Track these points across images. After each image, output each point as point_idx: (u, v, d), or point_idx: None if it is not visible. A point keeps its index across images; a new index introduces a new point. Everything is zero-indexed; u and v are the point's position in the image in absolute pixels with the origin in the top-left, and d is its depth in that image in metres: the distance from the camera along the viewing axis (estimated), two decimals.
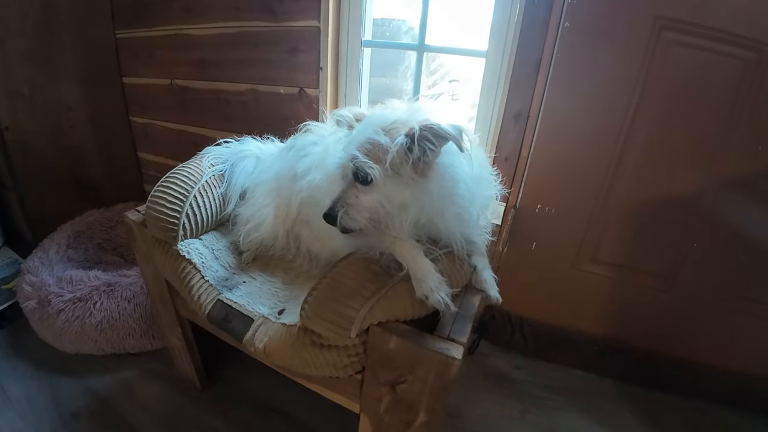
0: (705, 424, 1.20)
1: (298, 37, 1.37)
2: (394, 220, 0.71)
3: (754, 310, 1.13)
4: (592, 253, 1.27)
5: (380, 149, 0.67)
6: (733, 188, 1.06)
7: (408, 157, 0.67)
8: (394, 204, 0.70)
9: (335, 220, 0.71)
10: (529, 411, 1.23)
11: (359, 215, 0.70)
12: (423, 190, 0.70)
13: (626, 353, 1.32)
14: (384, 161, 0.66)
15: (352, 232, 0.72)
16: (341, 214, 0.70)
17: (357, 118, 0.78)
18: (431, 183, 0.70)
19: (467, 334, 0.67)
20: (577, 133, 1.15)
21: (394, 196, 0.69)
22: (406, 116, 0.70)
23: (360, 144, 0.68)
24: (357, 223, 0.70)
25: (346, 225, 0.71)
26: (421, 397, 0.69)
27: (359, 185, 0.70)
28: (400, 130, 0.68)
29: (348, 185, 0.71)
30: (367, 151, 0.68)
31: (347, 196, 0.70)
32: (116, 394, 1.19)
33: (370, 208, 0.70)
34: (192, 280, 0.90)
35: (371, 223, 0.71)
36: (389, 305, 0.67)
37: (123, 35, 1.70)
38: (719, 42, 0.95)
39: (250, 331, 0.81)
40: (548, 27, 1.10)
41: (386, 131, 0.68)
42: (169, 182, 0.96)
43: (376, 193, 0.69)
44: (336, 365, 0.71)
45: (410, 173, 0.68)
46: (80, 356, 1.27)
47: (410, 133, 0.66)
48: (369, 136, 0.68)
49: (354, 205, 0.70)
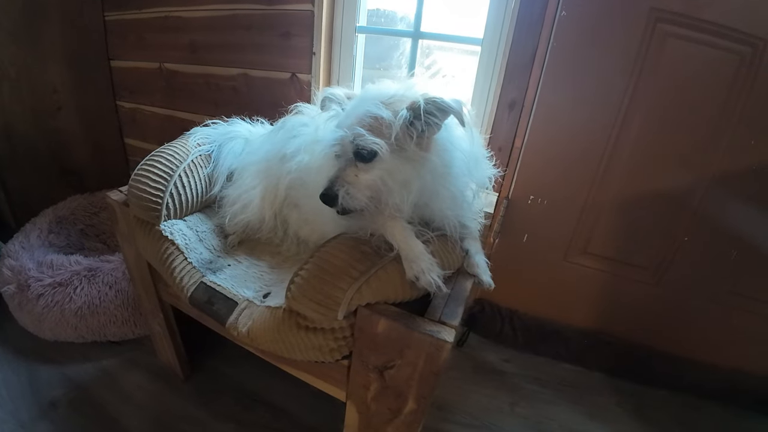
0: (693, 418, 1.20)
1: (291, 21, 1.34)
2: (395, 198, 0.68)
3: (744, 305, 1.13)
4: (583, 246, 1.26)
5: (382, 123, 0.64)
6: (725, 183, 1.05)
7: (411, 132, 0.64)
8: (397, 181, 0.67)
9: (334, 200, 0.67)
10: (518, 404, 1.22)
11: (360, 194, 0.67)
12: (425, 166, 0.67)
13: (615, 347, 1.31)
14: (388, 136, 0.64)
15: (351, 213, 0.69)
16: (342, 194, 0.67)
17: (348, 96, 0.76)
18: (432, 158, 0.67)
19: (459, 318, 0.65)
20: (570, 124, 1.14)
21: (397, 173, 0.67)
22: (403, 91, 0.68)
23: (359, 118, 0.66)
24: (358, 202, 0.67)
25: (347, 205, 0.67)
26: (410, 383, 0.67)
27: (359, 163, 0.67)
28: (399, 104, 0.65)
29: (346, 163, 0.68)
30: (369, 126, 0.65)
31: (346, 174, 0.67)
32: (97, 383, 1.15)
33: (371, 185, 0.67)
34: (174, 262, 0.87)
35: (372, 201, 0.68)
36: (378, 286, 0.64)
37: (112, 17, 1.66)
38: (714, 35, 0.95)
39: (234, 315, 0.78)
40: (545, 16, 1.09)
41: (386, 105, 0.65)
42: (153, 161, 0.93)
43: (377, 170, 0.67)
44: (322, 349, 0.68)
45: (414, 148, 0.65)
46: (60, 344, 1.23)
47: (414, 107, 0.64)
48: (368, 109, 0.65)
49: (354, 183, 0.67)
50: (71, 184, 1.68)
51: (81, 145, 1.73)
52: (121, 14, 1.62)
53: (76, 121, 1.69)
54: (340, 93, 0.76)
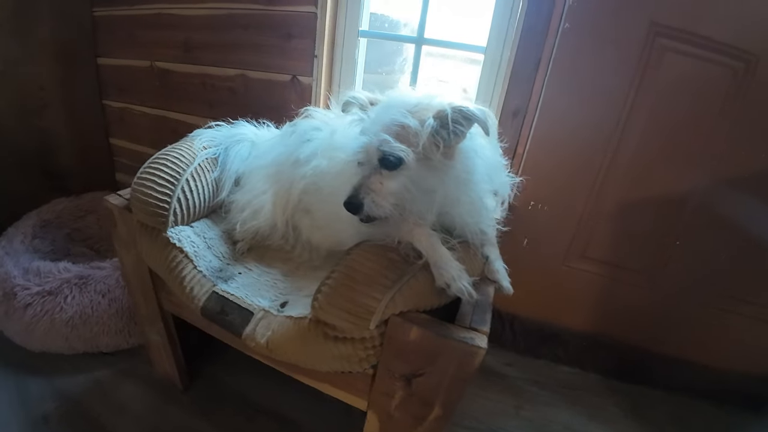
0: (687, 417, 1.25)
1: (293, 23, 1.32)
2: (419, 206, 0.68)
3: (736, 307, 1.19)
4: (582, 251, 1.30)
5: (409, 132, 0.64)
6: (717, 190, 1.11)
7: (438, 141, 0.64)
8: (421, 189, 0.67)
9: (359, 208, 0.67)
10: (522, 407, 1.24)
11: (385, 202, 0.67)
12: (448, 174, 0.68)
13: (611, 349, 1.35)
14: (415, 144, 0.64)
15: (374, 220, 0.69)
16: (368, 202, 0.66)
17: (371, 101, 0.75)
18: (456, 165, 0.68)
19: (488, 324, 0.65)
20: (572, 132, 1.18)
21: (422, 181, 0.67)
22: (427, 99, 0.68)
23: (385, 126, 0.65)
24: (383, 210, 0.67)
25: (372, 213, 0.67)
26: (438, 390, 0.67)
27: (384, 170, 0.67)
28: (424, 112, 0.65)
29: (371, 170, 0.68)
30: (395, 133, 0.64)
31: (371, 182, 0.67)
32: (89, 396, 1.09)
33: (396, 193, 0.67)
34: (184, 271, 0.83)
35: (396, 209, 0.68)
36: (410, 294, 0.64)
37: (101, 13, 1.58)
38: (710, 50, 0.99)
39: (250, 325, 0.76)
40: (549, 27, 1.11)
41: (411, 113, 0.65)
42: (159, 163, 0.89)
43: (402, 178, 0.66)
44: (351, 359, 0.67)
45: (439, 156, 0.65)
46: (49, 355, 1.16)
47: (440, 115, 0.64)
48: (395, 117, 0.65)
49: (379, 191, 0.66)
50: (55, 185, 1.59)
51: (66, 145, 1.64)
52: (110, 10, 1.55)
53: (62, 120, 1.61)
54: (363, 97, 0.75)
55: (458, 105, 0.64)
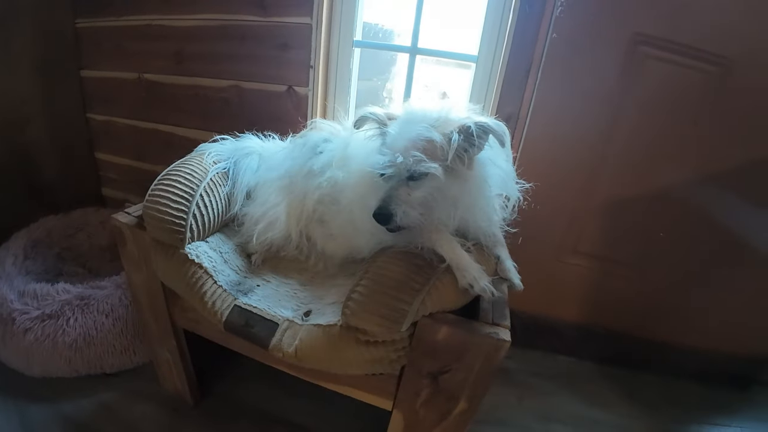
0: (675, 395, 1.35)
1: (288, 34, 1.34)
2: (442, 214, 0.73)
3: (716, 293, 1.29)
4: (574, 246, 1.37)
5: (435, 146, 0.68)
6: (696, 185, 1.20)
7: (462, 153, 0.69)
8: (446, 198, 0.72)
9: (389, 219, 0.70)
10: (524, 397, 1.30)
11: (414, 212, 0.71)
12: (469, 182, 0.72)
13: (605, 337, 1.44)
14: (441, 158, 0.68)
15: (402, 230, 0.72)
16: (399, 213, 0.69)
17: (389, 116, 0.79)
18: (475, 174, 0.72)
19: (509, 318, 0.70)
20: (562, 135, 1.25)
21: (446, 190, 0.71)
22: (445, 114, 0.72)
23: (412, 141, 0.69)
24: (413, 219, 0.71)
25: (403, 223, 0.70)
26: (464, 384, 0.71)
27: (410, 182, 0.70)
28: (446, 126, 0.70)
29: (398, 183, 0.71)
30: (422, 149, 0.68)
31: (399, 193, 0.70)
32: (97, 419, 1.07)
33: (424, 203, 0.71)
34: (204, 286, 0.84)
35: (423, 218, 0.72)
36: (438, 296, 0.68)
37: (84, 24, 1.54)
38: (687, 57, 1.08)
39: (277, 336, 0.78)
40: (538, 37, 1.18)
41: (434, 128, 0.69)
42: (171, 179, 0.89)
43: (428, 188, 0.70)
44: (382, 361, 0.70)
45: (463, 168, 0.70)
46: (50, 380, 1.12)
47: (465, 130, 0.68)
48: (420, 133, 0.69)
49: (408, 202, 0.70)
50: (40, 202, 1.54)
51: (50, 160, 1.59)
52: (95, 21, 1.51)
53: (45, 135, 1.56)
54: (381, 113, 0.78)
55: (479, 120, 0.69)
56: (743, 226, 1.21)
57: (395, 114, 0.78)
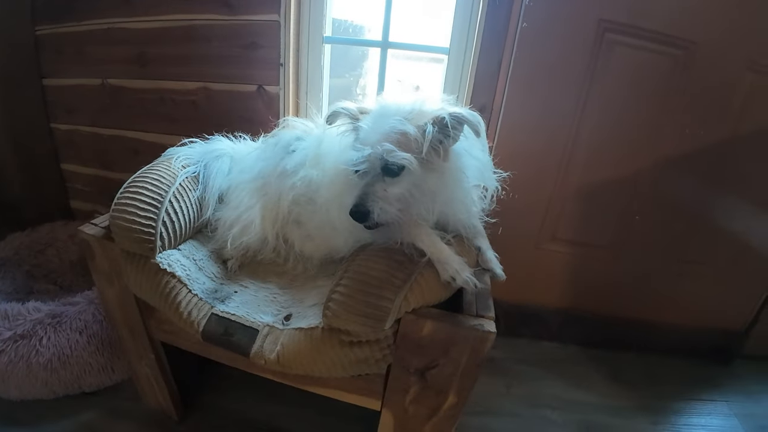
0: (659, 373, 1.39)
1: (256, 32, 1.30)
2: (420, 208, 0.71)
3: (690, 269, 1.33)
4: (552, 233, 1.39)
5: (410, 138, 0.67)
6: (666, 167, 1.23)
7: (437, 145, 0.68)
8: (424, 192, 0.70)
9: (366, 216, 0.68)
10: (512, 385, 1.31)
11: (392, 208, 0.69)
12: (446, 174, 0.71)
13: (587, 321, 1.47)
14: (416, 150, 0.66)
15: (380, 226, 0.71)
16: (376, 210, 0.68)
17: (361, 110, 0.77)
18: (451, 166, 0.72)
19: (492, 309, 0.69)
20: (536, 124, 1.26)
21: (424, 184, 0.70)
22: (419, 106, 0.71)
23: (385, 134, 0.67)
24: (391, 216, 0.69)
25: (381, 220, 0.69)
26: (452, 379, 0.70)
27: (386, 177, 0.69)
28: (420, 118, 0.68)
29: (373, 179, 0.69)
30: (396, 141, 0.67)
31: (375, 190, 0.69)
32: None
33: (401, 199, 0.70)
34: (178, 296, 0.81)
35: (402, 213, 0.70)
36: (420, 291, 0.67)
37: (45, 31, 1.46)
38: (653, 42, 1.11)
39: (257, 343, 0.75)
40: (508, 26, 1.18)
41: (408, 120, 0.68)
42: (138, 186, 0.85)
43: (405, 183, 0.69)
44: (368, 361, 0.69)
45: (439, 160, 0.69)
46: (27, 402, 1.07)
47: (439, 121, 0.67)
48: (393, 125, 0.67)
49: (385, 198, 0.69)
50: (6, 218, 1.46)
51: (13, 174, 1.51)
52: (55, 28, 1.43)
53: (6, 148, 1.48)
54: (353, 107, 0.76)
55: (454, 110, 0.68)
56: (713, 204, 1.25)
57: (368, 108, 0.76)
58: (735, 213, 1.27)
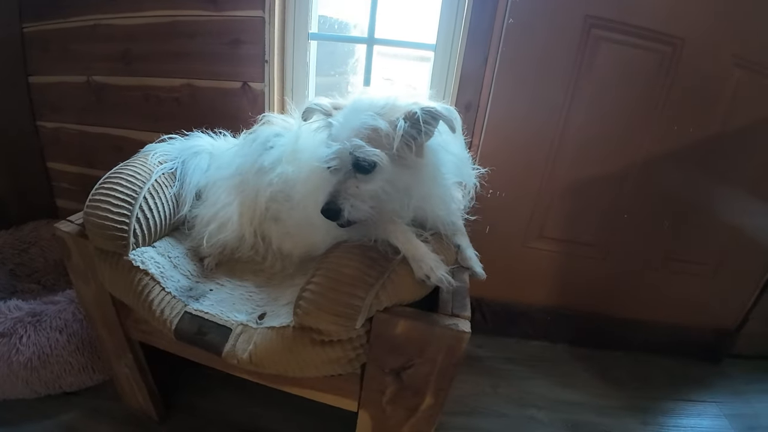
0: (647, 371, 1.38)
1: (240, 28, 1.28)
2: (395, 205, 0.70)
3: (678, 267, 1.32)
4: (539, 231, 1.38)
5: (381, 134, 0.65)
6: (655, 164, 1.22)
7: (409, 141, 0.66)
8: (397, 188, 0.69)
9: (337, 215, 0.67)
10: (499, 385, 1.30)
11: (364, 205, 0.68)
12: (421, 171, 0.70)
13: (575, 319, 1.45)
14: (387, 146, 0.65)
15: (353, 224, 0.69)
16: (347, 207, 0.66)
17: (334, 106, 0.76)
18: (427, 162, 0.70)
19: (469, 309, 0.68)
20: (522, 121, 1.25)
21: (397, 181, 0.68)
22: (392, 101, 0.69)
23: (355, 130, 0.66)
24: (363, 213, 0.68)
25: (352, 217, 0.67)
26: (429, 379, 0.69)
27: (358, 174, 0.67)
28: (392, 113, 0.67)
29: (345, 176, 0.68)
30: (367, 137, 0.65)
31: (347, 187, 0.67)
32: None
33: (374, 196, 0.68)
34: (151, 294, 0.79)
35: (375, 211, 0.69)
36: (393, 289, 0.65)
37: (32, 28, 1.44)
38: (639, 37, 1.10)
39: (230, 342, 0.74)
40: (494, 23, 1.17)
41: (380, 116, 0.66)
42: (112, 183, 0.83)
43: (377, 180, 0.67)
44: (340, 361, 0.67)
45: (412, 156, 0.67)
46: (9, 402, 1.06)
47: (411, 116, 0.65)
48: (364, 121, 0.66)
49: (357, 195, 0.67)
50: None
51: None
52: (42, 24, 1.42)
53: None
54: (326, 103, 0.75)
55: (426, 105, 0.66)
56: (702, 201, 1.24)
57: (342, 104, 0.75)
58: (724, 210, 1.26)
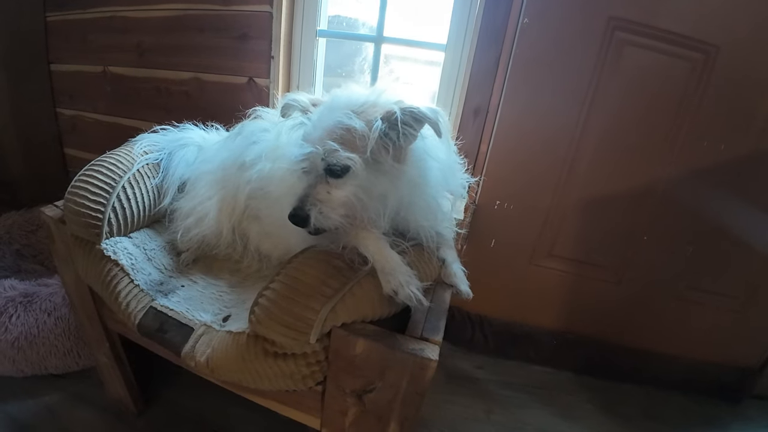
0: (659, 409, 1.25)
1: (248, 23, 1.27)
2: (370, 213, 0.64)
3: (700, 298, 1.19)
4: (549, 249, 1.28)
5: (355, 135, 0.59)
6: (679, 182, 1.10)
7: (387, 143, 0.60)
8: (372, 196, 0.63)
9: (305, 221, 0.62)
10: (493, 411, 1.21)
11: (334, 213, 0.62)
12: (401, 178, 0.64)
13: (582, 345, 1.34)
14: (361, 149, 0.59)
15: (324, 232, 0.64)
16: (314, 214, 0.61)
17: (313, 102, 0.71)
18: (408, 169, 0.64)
19: (441, 332, 0.61)
20: (534, 129, 1.16)
21: (372, 187, 0.63)
22: (374, 98, 0.64)
23: (329, 130, 0.61)
24: (332, 221, 0.62)
25: (320, 225, 0.62)
26: (392, 406, 0.62)
27: (330, 179, 0.62)
28: (371, 112, 0.61)
29: (316, 179, 0.63)
30: (340, 138, 0.60)
31: (317, 192, 0.62)
32: (40, 422, 1.02)
33: (346, 203, 0.62)
34: (119, 285, 0.77)
35: (346, 219, 0.63)
36: (354, 304, 0.60)
37: (55, 18, 1.50)
38: (668, 43, 0.99)
39: (190, 343, 0.70)
40: (508, 23, 1.09)
41: (357, 114, 0.61)
42: (93, 171, 0.83)
43: (351, 186, 0.62)
44: (294, 376, 0.62)
45: (390, 161, 0.61)
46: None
47: (388, 117, 0.60)
48: (339, 120, 0.60)
49: (327, 201, 0.62)
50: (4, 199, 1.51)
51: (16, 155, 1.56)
52: (64, 14, 1.47)
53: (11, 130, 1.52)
54: (304, 99, 0.70)
55: (408, 105, 0.60)
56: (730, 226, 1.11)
57: (321, 100, 0.70)
58: (757, 237, 1.12)
